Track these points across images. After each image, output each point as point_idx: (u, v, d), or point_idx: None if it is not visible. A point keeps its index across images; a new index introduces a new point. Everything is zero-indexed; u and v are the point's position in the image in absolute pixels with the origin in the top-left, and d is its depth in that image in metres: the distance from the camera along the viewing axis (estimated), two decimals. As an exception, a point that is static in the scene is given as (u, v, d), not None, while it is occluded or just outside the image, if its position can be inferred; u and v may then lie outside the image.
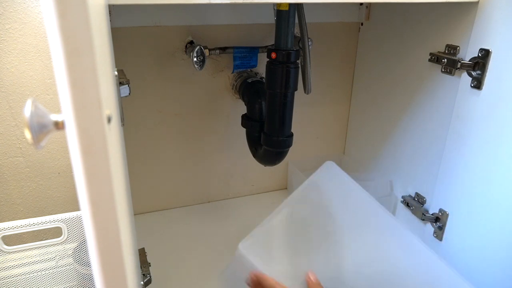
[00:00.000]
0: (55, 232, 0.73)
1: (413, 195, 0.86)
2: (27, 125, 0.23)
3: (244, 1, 0.51)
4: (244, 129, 0.86)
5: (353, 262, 0.70)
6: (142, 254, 0.71)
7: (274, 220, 0.67)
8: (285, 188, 1.11)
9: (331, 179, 0.71)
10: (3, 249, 0.69)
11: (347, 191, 0.70)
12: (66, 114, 0.23)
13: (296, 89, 0.74)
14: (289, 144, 0.78)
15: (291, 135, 0.78)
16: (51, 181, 0.87)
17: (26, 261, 0.71)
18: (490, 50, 0.62)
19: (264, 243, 0.66)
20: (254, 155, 0.86)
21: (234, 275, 0.67)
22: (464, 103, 0.68)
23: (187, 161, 0.97)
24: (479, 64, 0.65)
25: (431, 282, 0.63)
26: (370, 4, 0.92)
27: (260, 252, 0.64)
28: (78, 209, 0.82)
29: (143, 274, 0.66)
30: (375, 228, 0.69)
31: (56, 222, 0.70)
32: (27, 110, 0.23)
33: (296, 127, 0.81)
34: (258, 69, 0.91)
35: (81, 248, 0.71)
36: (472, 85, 0.66)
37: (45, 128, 0.24)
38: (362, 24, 0.96)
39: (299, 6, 0.72)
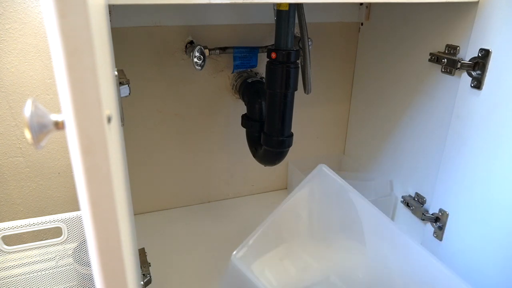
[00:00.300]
0: (55, 232, 0.73)
1: (413, 195, 0.86)
2: (27, 125, 0.23)
3: (244, 1, 0.51)
4: (244, 129, 0.86)
5: (348, 265, 0.70)
6: (142, 254, 0.71)
7: (267, 227, 0.67)
8: (285, 188, 1.11)
9: (323, 183, 0.70)
10: (3, 249, 0.69)
11: (340, 194, 0.70)
12: (66, 114, 0.23)
13: (296, 89, 0.74)
14: (289, 144, 0.78)
15: (291, 135, 0.78)
16: (51, 181, 0.87)
17: (26, 261, 0.71)
18: (490, 50, 0.62)
19: (256, 252, 0.66)
20: (254, 155, 0.86)
21: (228, 284, 0.67)
22: (464, 103, 0.69)
23: (187, 161, 0.97)
24: (479, 64, 0.65)
25: (429, 283, 0.63)
26: (370, 4, 0.92)
27: (253, 261, 0.64)
28: (78, 209, 0.83)
29: (143, 274, 0.66)
30: (369, 230, 0.68)
31: (56, 222, 0.70)
32: (27, 110, 0.23)
33: (296, 127, 0.81)
34: (258, 69, 0.91)
35: (81, 248, 0.71)
36: (472, 85, 0.66)
37: (45, 128, 0.24)
38: (362, 24, 0.96)
39: (299, 6, 0.72)
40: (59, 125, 0.24)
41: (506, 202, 0.63)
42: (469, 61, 0.66)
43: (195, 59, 0.78)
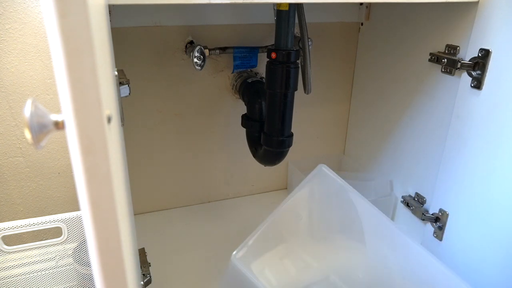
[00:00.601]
0: (55, 232, 0.73)
1: (413, 195, 0.86)
2: (27, 125, 0.23)
3: (244, 1, 0.51)
4: (244, 129, 0.86)
5: (348, 265, 0.70)
6: (142, 254, 0.71)
7: (267, 227, 0.67)
8: (285, 188, 1.11)
9: (323, 183, 0.70)
10: (3, 249, 0.69)
11: (340, 194, 0.70)
12: (66, 114, 0.23)
13: (296, 89, 0.74)
14: (289, 144, 0.78)
15: (291, 135, 0.78)
16: (51, 181, 0.87)
17: (26, 261, 0.70)
18: (490, 50, 0.62)
19: (256, 252, 0.66)
20: (254, 155, 0.86)
21: (228, 284, 0.67)
22: (464, 103, 0.68)
23: (187, 161, 0.97)
24: (479, 64, 0.65)
25: (429, 282, 0.63)
26: (370, 4, 0.92)
27: (253, 261, 0.64)
28: (78, 209, 0.83)
29: (143, 274, 0.66)
30: (369, 230, 0.68)
31: (56, 222, 0.70)
32: (27, 110, 0.23)
33: (296, 127, 0.81)
34: (258, 69, 0.91)
35: (81, 248, 0.71)
36: (472, 85, 0.66)
37: (45, 128, 0.24)
38: (362, 24, 0.96)
39: (299, 6, 0.72)
40: (59, 125, 0.24)
41: (506, 202, 0.63)
42: (469, 61, 0.66)
43: (195, 59, 0.78)
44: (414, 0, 0.63)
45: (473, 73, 0.66)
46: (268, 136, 0.77)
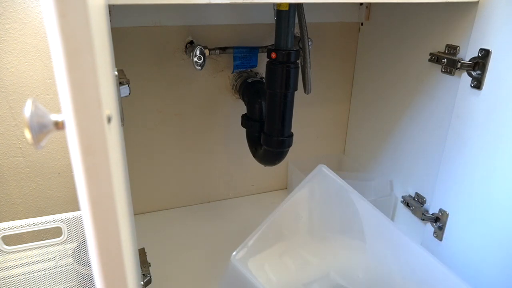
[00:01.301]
0: (55, 232, 0.73)
1: (413, 195, 0.86)
2: (27, 125, 0.23)
3: (244, 1, 0.51)
4: (244, 129, 0.86)
5: (348, 265, 0.70)
6: (142, 254, 0.71)
7: (267, 227, 0.67)
8: (285, 188, 1.11)
9: (323, 183, 0.70)
10: (3, 249, 0.69)
11: (340, 194, 0.70)
12: (66, 114, 0.23)
13: (296, 89, 0.74)
14: (289, 144, 0.78)
15: (291, 135, 0.78)
16: (51, 181, 0.87)
17: (26, 261, 0.71)
18: (490, 50, 0.62)
19: (256, 252, 0.66)
20: (254, 155, 0.86)
21: (228, 285, 0.67)
22: (464, 103, 0.69)
23: (187, 161, 0.97)
24: (479, 64, 0.65)
25: (429, 282, 0.63)
26: (370, 4, 0.92)
27: (253, 262, 0.64)
28: (78, 209, 0.83)
29: (143, 274, 0.66)
30: (369, 231, 0.68)
31: (56, 222, 0.70)
32: (27, 110, 0.23)
33: (296, 127, 0.81)
34: (258, 69, 0.91)
35: (81, 248, 0.71)
36: (472, 85, 0.66)
37: (45, 128, 0.24)
38: (362, 24, 0.96)
39: (299, 6, 0.72)
40: (59, 125, 0.24)
41: (506, 202, 0.63)
42: (469, 61, 0.66)
43: (195, 59, 0.78)
44: (414, 0, 0.63)
45: (473, 73, 0.66)
46: (268, 136, 0.77)
